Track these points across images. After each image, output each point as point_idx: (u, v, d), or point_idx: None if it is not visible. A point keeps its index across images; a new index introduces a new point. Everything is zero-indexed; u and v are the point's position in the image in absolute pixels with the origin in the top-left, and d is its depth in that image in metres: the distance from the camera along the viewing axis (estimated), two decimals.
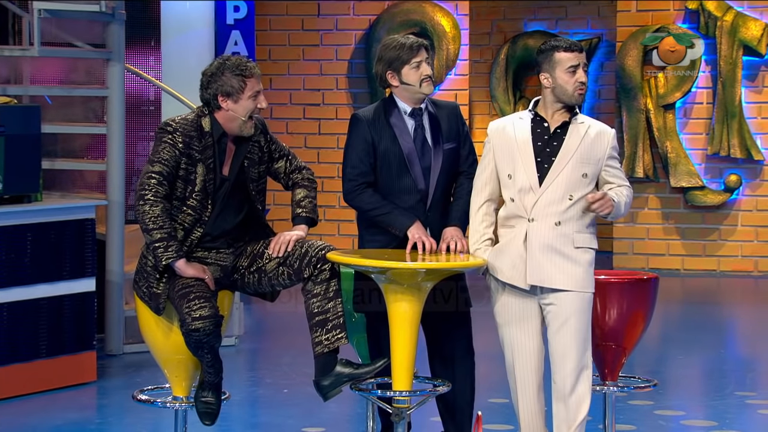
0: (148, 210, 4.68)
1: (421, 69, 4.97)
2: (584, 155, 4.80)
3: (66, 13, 7.57)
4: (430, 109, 5.07)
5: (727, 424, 6.34)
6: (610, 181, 4.85)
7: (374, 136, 4.98)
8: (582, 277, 4.78)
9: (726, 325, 10.04)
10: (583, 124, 4.85)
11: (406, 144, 4.97)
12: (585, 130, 4.83)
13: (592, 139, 4.82)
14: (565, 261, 4.77)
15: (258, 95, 4.79)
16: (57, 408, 6.64)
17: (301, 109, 12.46)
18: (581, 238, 4.80)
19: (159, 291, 4.75)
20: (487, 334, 5.24)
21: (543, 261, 4.78)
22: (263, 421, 6.47)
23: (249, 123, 4.80)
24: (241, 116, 4.77)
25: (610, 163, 4.85)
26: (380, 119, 5.00)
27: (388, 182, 4.98)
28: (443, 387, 4.92)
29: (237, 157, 4.85)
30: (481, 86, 13.17)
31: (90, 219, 7.12)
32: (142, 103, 8.75)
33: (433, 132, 5.02)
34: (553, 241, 4.78)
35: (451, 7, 12.18)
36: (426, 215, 4.98)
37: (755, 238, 11.95)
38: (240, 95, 4.75)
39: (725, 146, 11.83)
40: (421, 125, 5.01)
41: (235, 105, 4.76)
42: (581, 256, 4.79)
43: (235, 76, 4.75)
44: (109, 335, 7.85)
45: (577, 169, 4.79)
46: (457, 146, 5.05)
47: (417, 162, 4.97)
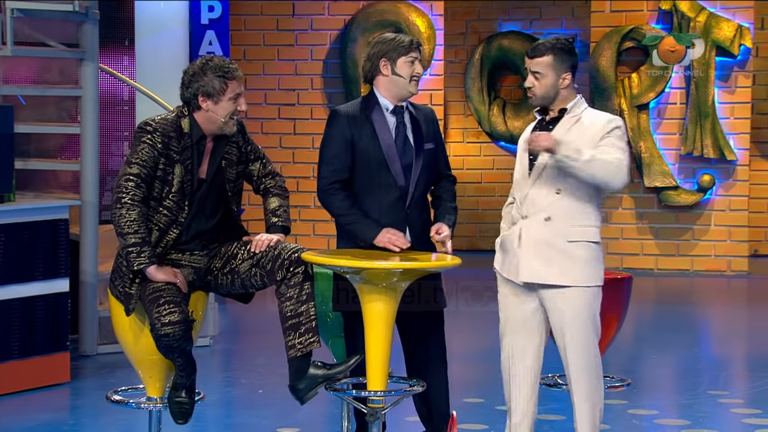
0: (124, 213, 4.66)
1: (415, 66, 4.99)
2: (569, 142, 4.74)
3: (39, 13, 7.54)
4: (410, 110, 5.08)
5: (700, 423, 6.37)
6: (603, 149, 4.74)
7: (354, 132, 4.97)
8: (578, 271, 4.75)
9: (699, 324, 10.09)
10: (574, 116, 4.81)
11: (386, 141, 4.97)
12: (574, 121, 4.80)
13: (581, 130, 4.77)
14: (559, 256, 4.76)
15: (239, 98, 4.77)
16: (30, 409, 6.61)
17: (276, 109, 12.45)
18: (575, 232, 4.76)
19: (132, 292, 4.74)
20: (461, 335, 5.25)
21: (535, 258, 4.78)
22: (238, 422, 6.46)
23: (230, 122, 4.78)
24: (220, 117, 4.76)
25: (606, 143, 4.73)
26: (361, 115, 4.99)
27: (367, 179, 4.97)
28: (418, 387, 4.92)
29: (214, 158, 4.84)
30: (456, 86, 13.19)
31: (63, 219, 7.09)
32: (116, 102, 8.72)
33: (415, 131, 5.03)
34: (546, 236, 4.77)
35: (425, 7, 12.19)
36: (406, 213, 4.98)
37: (728, 237, 12.02)
38: (221, 97, 4.74)
39: (698, 146, 11.90)
40: (402, 123, 5.01)
41: (215, 106, 4.75)
42: (576, 251, 4.76)
43: (218, 77, 4.73)
44: (82, 336, 7.82)
45: None
46: (435, 148, 5.07)
47: (397, 159, 4.97)
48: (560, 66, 4.79)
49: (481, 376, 7.18)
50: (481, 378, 7.11)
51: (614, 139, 4.75)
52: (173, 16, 8.76)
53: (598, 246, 4.82)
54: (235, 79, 4.75)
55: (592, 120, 4.81)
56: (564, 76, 4.79)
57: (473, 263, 7.05)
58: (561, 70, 4.79)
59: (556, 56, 4.79)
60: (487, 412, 6.43)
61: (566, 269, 4.76)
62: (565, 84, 4.80)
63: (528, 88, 4.83)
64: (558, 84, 4.79)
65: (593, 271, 4.79)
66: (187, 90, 4.76)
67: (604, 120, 4.80)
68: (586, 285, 4.77)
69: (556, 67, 4.78)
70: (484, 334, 5.01)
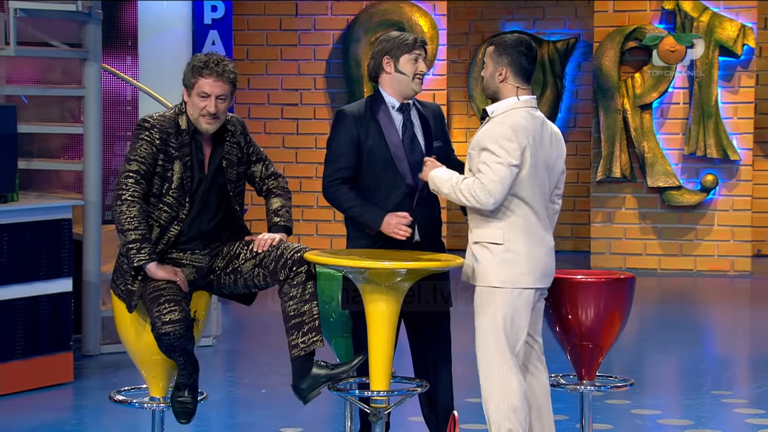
0: (124, 210, 4.67)
1: (418, 64, 4.99)
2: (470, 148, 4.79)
3: (42, 13, 7.54)
4: (418, 107, 5.07)
5: (703, 423, 6.37)
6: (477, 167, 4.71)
7: (360, 131, 4.97)
8: (480, 271, 4.76)
9: (702, 324, 10.08)
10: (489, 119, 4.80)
11: (393, 139, 4.97)
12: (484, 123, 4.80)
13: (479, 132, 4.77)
14: (470, 255, 4.81)
15: (207, 97, 4.70)
16: (33, 409, 6.62)
17: (279, 109, 12.44)
18: (480, 233, 4.78)
19: (134, 289, 4.74)
20: (463, 334, 5.25)
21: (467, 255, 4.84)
22: (241, 422, 6.46)
23: (201, 120, 4.73)
24: (191, 111, 4.76)
25: (482, 157, 4.70)
26: (367, 115, 5.00)
27: (374, 178, 4.98)
28: (421, 387, 4.92)
29: (214, 157, 4.84)
30: (459, 86, 13.19)
31: (66, 219, 7.09)
32: (119, 102, 8.72)
33: (424, 128, 5.03)
34: (469, 235, 4.84)
35: (428, 7, 12.19)
36: (413, 211, 4.97)
37: (731, 237, 12.01)
38: (191, 91, 4.75)
39: (702, 146, 11.89)
40: (409, 120, 5.01)
41: (188, 99, 4.77)
42: (478, 250, 4.77)
43: (193, 71, 4.74)
44: (85, 336, 7.82)
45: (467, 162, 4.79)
46: (444, 145, 5.07)
47: (404, 157, 4.97)
48: (498, 59, 4.80)
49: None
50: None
51: (486, 155, 4.68)
52: (176, 16, 8.76)
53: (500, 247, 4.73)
54: (204, 77, 4.70)
55: (489, 126, 4.76)
56: (500, 71, 4.79)
57: None
58: (498, 64, 4.80)
59: (496, 49, 4.82)
60: None
61: (474, 267, 4.79)
62: (500, 79, 4.79)
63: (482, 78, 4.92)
64: (496, 77, 4.80)
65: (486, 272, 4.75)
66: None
67: (490, 128, 4.74)
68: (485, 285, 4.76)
69: (494, 60, 4.82)
70: None
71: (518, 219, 4.74)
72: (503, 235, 4.73)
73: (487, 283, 4.75)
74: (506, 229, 4.74)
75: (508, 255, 4.74)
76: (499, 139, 4.67)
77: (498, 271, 4.74)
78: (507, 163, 4.66)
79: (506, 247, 4.73)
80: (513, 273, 4.73)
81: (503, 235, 4.73)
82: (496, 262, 4.74)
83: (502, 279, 4.73)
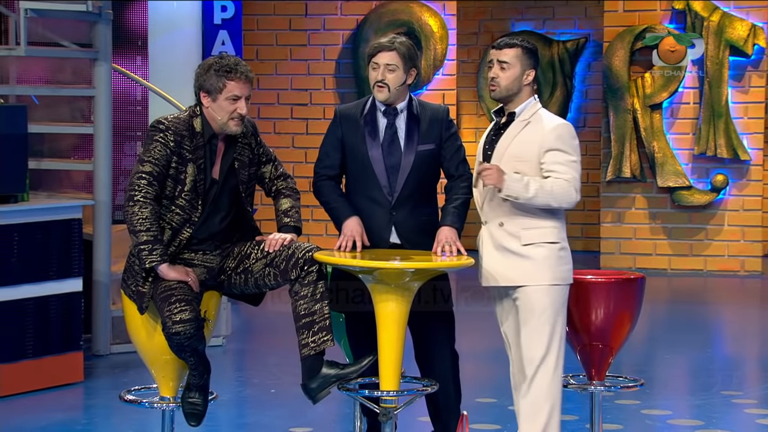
0: (137, 211, 4.67)
1: (374, 72, 4.98)
2: (516, 153, 4.81)
3: (52, 13, 7.56)
4: (413, 110, 5.05)
5: (714, 423, 6.36)
6: (548, 169, 4.78)
7: (344, 131, 5.03)
8: (535, 270, 4.78)
9: (712, 324, 10.06)
10: (524, 120, 4.85)
11: (372, 141, 4.99)
12: (523, 126, 4.83)
13: (528, 136, 4.81)
14: (516, 258, 4.80)
15: (238, 100, 4.72)
16: (43, 408, 6.63)
17: (289, 109, 12.45)
18: (528, 235, 4.79)
19: (145, 290, 4.75)
20: (474, 334, 5.25)
21: (494, 262, 4.83)
22: (250, 422, 6.46)
23: (230, 123, 4.76)
24: (217, 116, 4.76)
25: (549, 158, 4.77)
26: (355, 115, 5.04)
27: (355, 178, 5.05)
28: (430, 387, 4.92)
29: (226, 158, 4.84)
30: (469, 86, 13.18)
31: (77, 219, 7.10)
32: (129, 102, 8.73)
33: (409, 132, 5.01)
34: (502, 240, 4.82)
35: (438, 7, 12.19)
36: (390, 213, 5.00)
37: (742, 237, 11.99)
38: (218, 95, 4.74)
39: (712, 146, 11.86)
40: (392, 124, 5.01)
41: (213, 104, 4.75)
42: (532, 251, 4.79)
43: (219, 75, 4.73)
44: (95, 335, 7.83)
45: (509, 167, 4.79)
46: (435, 149, 5.03)
47: (381, 160, 4.99)
48: (527, 61, 4.86)
49: (493, 375, 7.17)
50: (494, 378, 7.10)
51: (558, 154, 4.77)
52: (186, 16, 8.77)
53: (556, 245, 4.81)
54: (235, 81, 4.71)
55: (539, 128, 4.81)
56: (528, 72, 4.86)
57: None
58: (527, 65, 4.86)
59: (525, 51, 4.87)
60: (500, 412, 6.42)
61: (521, 270, 4.79)
62: (528, 81, 4.86)
63: (492, 79, 4.88)
64: (522, 79, 4.85)
65: (550, 270, 4.79)
66: (195, 84, 4.78)
67: (548, 129, 4.80)
68: (543, 283, 4.78)
69: (523, 61, 4.85)
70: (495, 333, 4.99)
71: (561, 215, 4.87)
72: (557, 233, 4.82)
73: (546, 282, 4.78)
74: (558, 226, 4.84)
75: (562, 252, 4.83)
76: (567, 138, 4.80)
77: (556, 269, 4.80)
78: (578, 160, 4.81)
79: (561, 245, 4.83)
80: (565, 270, 4.83)
81: (557, 234, 4.82)
82: (552, 261, 4.80)
83: (560, 276, 4.81)
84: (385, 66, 4.94)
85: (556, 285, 4.81)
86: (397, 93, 4.98)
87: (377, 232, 5.02)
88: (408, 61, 4.96)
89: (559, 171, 4.76)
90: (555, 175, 4.76)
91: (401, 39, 5.02)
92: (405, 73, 4.97)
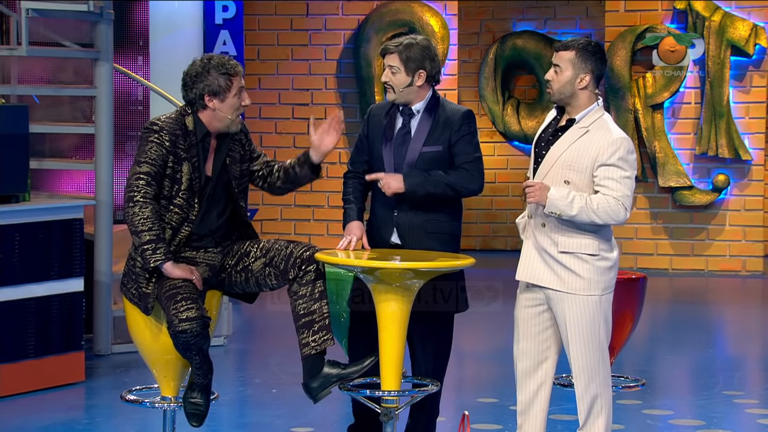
0: (137, 212, 4.67)
1: (385, 73, 5.02)
2: (569, 161, 4.73)
3: (54, 13, 7.56)
4: (432, 111, 5.03)
5: (715, 423, 6.36)
6: (599, 184, 4.71)
7: (369, 129, 5.10)
8: (572, 280, 4.73)
9: (714, 324, 10.06)
10: (583, 128, 4.75)
11: (385, 140, 5.03)
12: (581, 134, 4.74)
13: (585, 145, 4.72)
14: (554, 262, 4.76)
15: (242, 92, 4.82)
16: (45, 408, 6.63)
17: (290, 109, 12.45)
18: (568, 242, 4.73)
19: (149, 291, 4.75)
20: (474, 334, 5.24)
21: (533, 259, 4.79)
22: (252, 422, 6.46)
23: (236, 121, 4.84)
24: (227, 115, 4.79)
25: (602, 173, 4.70)
26: (381, 113, 5.09)
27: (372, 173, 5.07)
28: (431, 386, 4.92)
29: (218, 155, 4.87)
30: (470, 86, 13.18)
31: (78, 219, 7.10)
32: (130, 102, 8.74)
33: (420, 133, 5.01)
34: (542, 241, 4.77)
35: (439, 6, 12.18)
36: (393, 214, 5.00)
37: (743, 237, 11.98)
38: (226, 94, 4.77)
39: (713, 146, 11.86)
40: (406, 124, 5.02)
41: (221, 104, 4.78)
42: (570, 261, 4.73)
43: (222, 75, 4.77)
44: (97, 335, 7.84)
45: (560, 173, 4.74)
46: (442, 151, 5.01)
47: (392, 159, 5.01)
48: (581, 65, 4.74)
49: (494, 376, 7.17)
50: (495, 378, 7.10)
51: (613, 170, 4.69)
52: (187, 16, 8.77)
53: (593, 257, 4.75)
54: (237, 75, 4.81)
55: (597, 138, 4.72)
56: (582, 77, 4.74)
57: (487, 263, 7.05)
58: (581, 69, 4.74)
59: (579, 54, 4.75)
60: (501, 412, 6.42)
61: (562, 276, 4.75)
62: (582, 85, 4.74)
63: (547, 81, 4.82)
64: (575, 83, 4.74)
65: (589, 281, 4.74)
66: (191, 91, 4.79)
67: (606, 143, 4.70)
68: (581, 294, 4.73)
69: (576, 65, 4.74)
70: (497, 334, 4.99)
71: (608, 228, 4.80)
72: (598, 245, 4.75)
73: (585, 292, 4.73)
74: (600, 239, 4.77)
75: (600, 263, 4.76)
76: (623, 153, 4.69)
77: (593, 281, 4.74)
78: (633, 175, 4.73)
79: (600, 257, 4.75)
80: (601, 281, 4.76)
81: (597, 246, 4.75)
82: (593, 272, 4.74)
83: (598, 287, 4.75)
84: (389, 68, 4.97)
85: (591, 296, 4.75)
86: (404, 94, 4.98)
87: (380, 231, 5.02)
88: (410, 63, 4.94)
89: (610, 187, 4.68)
90: (605, 191, 4.68)
91: (408, 41, 4.99)
92: (409, 75, 4.96)
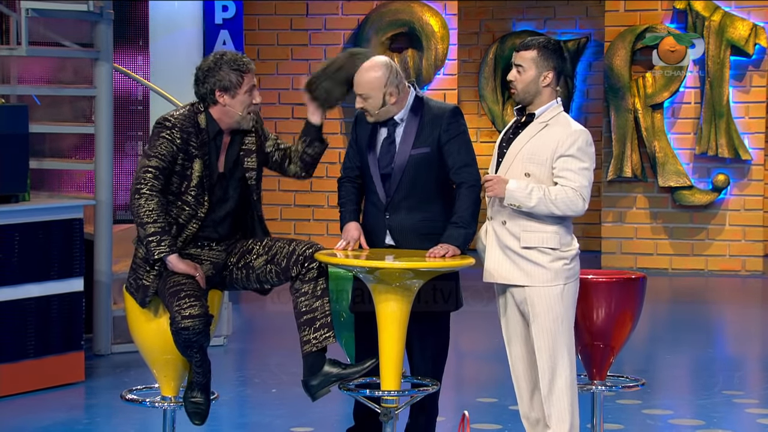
0: (143, 204, 4.68)
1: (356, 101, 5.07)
2: (530, 154, 4.78)
3: (53, 13, 7.56)
4: (416, 113, 5.02)
5: (715, 423, 6.36)
6: (557, 175, 4.76)
7: (358, 133, 5.08)
8: (539, 272, 4.76)
9: (714, 324, 10.06)
10: (542, 123, 4.82)
11: (372, 145, 5.02)
12: (540, 128, 4.81)
13: (544, 139, 4.78)
14: (518, 258, 4.79)
15: (253, 90, 4.83)
16: (45, 408, 6.63)
17: (290, 109, 12.45)
18: (530, 238, 4.77)
19: (148, 283, 4.75)
20: (474, 334, 5.25)
21: (497, 259, 4.82)
22: (251, 421, 6.47)
23: (247, 117, 4.84)
24: (238, 111, 4.80)
25: (560, 164, 4.75)
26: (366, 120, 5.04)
27: (363, 179, 5.10)
28: (431, 387, 4.92)
29: (231, 151, 4.87)
30: (470, 86, 13.18)
31: (78, 219, 7.10)
32: (130, 102, 8.74)
33: (406, 136, 5.00)
34: (504, 239, 4.81)
35: (439, 6, 12.19)
36: (385, 218, 5.00)
37: (743, 237, 11.98)
38: (237, 90, 4.79)
39: (713, 146, 11.86)
40: (392, 133, 5.00)
41: (232, 100, 4.79)
42: (533, 255, 4.77)
43: (233, 71, 4.78)
44: (97, 335, 7.84)
45: (520, 167, 4.79)
46: (431, 152, 4.96)
47: (376, 163, 5.00)
48: (543, 63, 4.80)
49: (494, 375, 7.17)
50: (495, 378, 7.10)
51: (571, 161, 4.74)
52: (187, 15, 8.78)
53: (555, 252, 4.78)
54: (249, 72, 4.82)
55: (557, 132, 4.78)
56: (545, 74, 4.80)
57: None
58: (543, 67, 4.80)
59: (541, 53, 4.81)
60: (501, 412, 6.42)
61: (527, 270, 4.77)
62: (546, 82, 4.81)
63: (510, 82, 4.87)
64: (539, 81, 4.80)
65: (554, 272, 4.77)
66: (203, 86, 4.79)
67: (564, 135, 4.77)
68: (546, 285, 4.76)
69: (539, 64, 4.80)
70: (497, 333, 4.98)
71: (567, 221, 4.83)
72: (559, 239, 4.79)
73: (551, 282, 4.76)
74: (561, 232, 4.80)
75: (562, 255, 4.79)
76: (582, 145, 4.75)
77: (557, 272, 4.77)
78: (591, 167, 4.77)
79: (561, 251, 4.79)
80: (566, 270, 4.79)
81: (559, 239, 4.79)
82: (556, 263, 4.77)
83: (558, 278, 4.77)
84: (358, 96, 4.95)
85: (556, 285, 4.78)
86: (384, 112, 4.95)
87: (375, 233, 5.03)
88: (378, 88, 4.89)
89: (568, 178, 4.74)
90: (563, 182, 4.74)
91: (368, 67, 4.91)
92: (380, 97, 4.91)
